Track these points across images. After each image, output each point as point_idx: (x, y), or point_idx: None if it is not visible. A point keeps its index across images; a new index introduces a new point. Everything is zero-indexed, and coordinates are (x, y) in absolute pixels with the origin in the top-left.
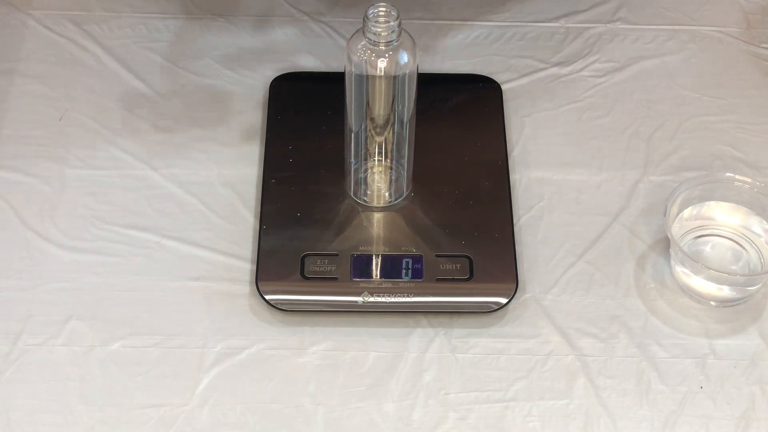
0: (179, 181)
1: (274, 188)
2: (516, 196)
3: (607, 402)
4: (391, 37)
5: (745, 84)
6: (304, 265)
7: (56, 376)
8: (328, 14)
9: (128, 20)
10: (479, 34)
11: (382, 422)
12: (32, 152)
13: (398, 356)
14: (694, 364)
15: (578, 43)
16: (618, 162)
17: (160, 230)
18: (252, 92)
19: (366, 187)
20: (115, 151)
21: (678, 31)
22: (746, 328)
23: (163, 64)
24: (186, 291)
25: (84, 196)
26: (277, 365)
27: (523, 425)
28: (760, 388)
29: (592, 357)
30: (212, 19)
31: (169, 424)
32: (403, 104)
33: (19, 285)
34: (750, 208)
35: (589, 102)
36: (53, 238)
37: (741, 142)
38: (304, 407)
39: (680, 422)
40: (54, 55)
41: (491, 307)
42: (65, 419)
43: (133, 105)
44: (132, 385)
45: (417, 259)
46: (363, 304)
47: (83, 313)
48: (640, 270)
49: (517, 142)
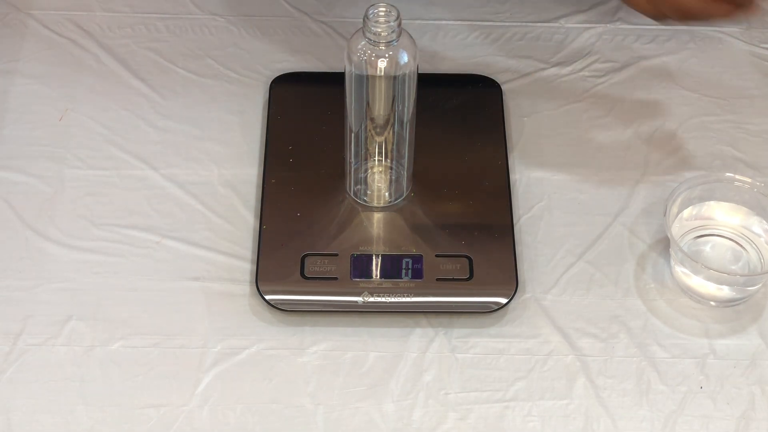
0: (179, 181)
1: (274, 188)
2: (516, 196)
3: (607, 402)
4: (391, 37)
5: (745, 84)
6: (304, 265)
7: (56, 376)
8: (328, 14)
9: (128, 20)
10: (479, 34)
11: (382, 422)
12: (32, 152)
13: (398, 356)
14: (694, 364)
15: (578, 43)
16: (618, 162)
17: (160, 230)
18: (252, 92)
19: (366, 187)
20: (115, 151)
21: (678, 31)
22: (746, 328)
23: (163, 64)
24: (186, 291)
25: (84, 196)
26: (277, 365)
27: (523, 425)
28: (760, 388)
29: (592, 357)
30: (212, 19)
31: (169, 424)
32: (403, 104)
33: (19, 285)
34: (750, 208)
35: (589, 102)
36: (53, 238)
37: (741, 142)
38: (304, 407)
39: (680, 422)
40: (54, 55)
41: (491, 307)
42: (65, 419)
43: (133, 105)
44: (132, 385)
45: (417, 259)
46: (363, 304)
47: (83, 313)
48: (640, 270)
49: (517, 142)
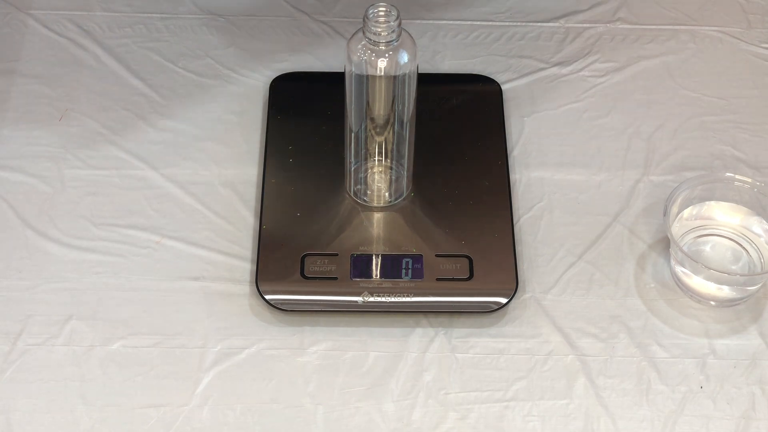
0: (179, 181)
1: (274, 188)
2: (516, 196)
3: (607, 402)
4: (391, 37)
5: (745, 84)
6: (304, 265)
7: (56, 376)
8: (328, 14)
9: (128, 20)
10: (479, 34)
11: (382, 422)
12: (32, 152)
13: (398, 356)
14: (694, 364)
15: (578, 43)
16: (618, 162)
17: (160, 230)
18: (252, 92)
19: (366, 187)
20: (115, 151)
21: (678, 31)
22: (746, 328)
23: (163, 64)
24: (186, 291)
25: (84, 196)
26: (277, 365)
27: (523, 425)
28: (760, 388)
29: (592, 357)
30: (212, 19)
31: (169, 424)
32: (403, 104)
33: (19, 285)
34: (750, 208)
35: (589, 102)
36: (53, 238)
37: (741, 142)
38: (304, 407)
39: (680, 422)
40: (54, 55)
41: (491, 307)
42: (65, 419)
43: (133, 105)
44: (132, 385)
45: (417, 259)
46: (363, 304)
47: (83, 313)
48: (640, 270)
49: (517, 142)
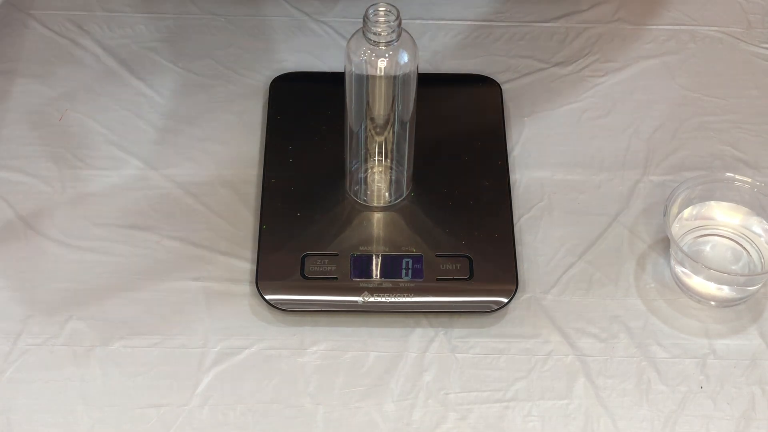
0: (179, 181)
1: (274, 188)
2: (516, 196)
3: (607, 402)
4: (391, 37)
5: (745, 84)
6: (304, 265)
7: (56, 376)
8: (328, 14)
9: (128, 20)
10: (479, 34)
11: (382, 422)
12: (32, 152)
13: (398, 356)
14: (694, 364)
15: (578, 43)
16: (618, 162)
17: (160, 230)
18: (252, 92)
19: (366, 187)
20: (115, 151)
21: (678, 31)
22: (746, 328)
23: (163, 64)
24: (186, 291)
25: (84, 195)
26: (277, 365)
27: (523, 425)
28: (760, 388)
29: (592, 357)
30: (212, 19)
31: (169, 424)
32: (403, 104)
33: (19, 285)
34: (750, 208)
35: (589, 102)
36: (53, 238)
37: (741, 142)
38: (304, 407)
39: (680, 422)
40: (54, 55)
41: (491, 307)
42: (65, 419)
43: (132, 105)
44: (132, 385)
45: (417, 259)
46: (363, 304)
47: (83, 313)
48: (640, 270)
49: (517, 142)
